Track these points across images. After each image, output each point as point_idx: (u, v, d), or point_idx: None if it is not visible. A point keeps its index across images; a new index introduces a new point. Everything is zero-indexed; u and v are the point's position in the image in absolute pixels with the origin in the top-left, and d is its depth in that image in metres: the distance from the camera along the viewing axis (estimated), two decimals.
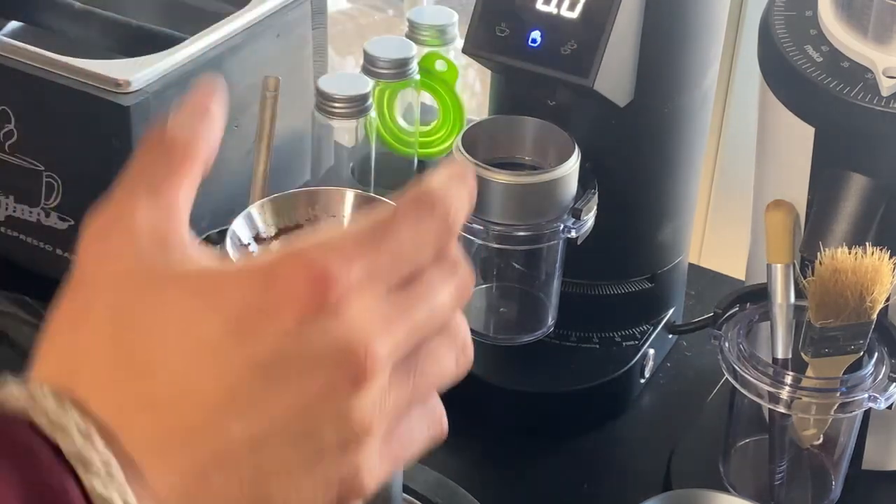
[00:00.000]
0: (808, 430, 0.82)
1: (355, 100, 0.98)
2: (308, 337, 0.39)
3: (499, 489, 0.90)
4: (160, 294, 0.40)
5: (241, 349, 0.39)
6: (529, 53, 0.84)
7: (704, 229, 1.36)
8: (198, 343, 0.39)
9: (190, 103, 0.45)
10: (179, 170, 0.44)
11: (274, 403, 0.39)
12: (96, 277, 0.41)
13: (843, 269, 0.74)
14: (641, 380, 0.98)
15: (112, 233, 0.42)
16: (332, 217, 0.57)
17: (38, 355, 0.41)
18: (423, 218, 0.41)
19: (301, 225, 0.57)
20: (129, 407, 0.39)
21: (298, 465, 0.40)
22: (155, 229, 0.42)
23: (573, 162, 0.84)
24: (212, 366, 0.39)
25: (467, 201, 0.43)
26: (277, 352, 0.39)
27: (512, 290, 0.93)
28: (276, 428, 0.39)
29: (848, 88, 0.76)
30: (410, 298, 0.41)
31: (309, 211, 0.57)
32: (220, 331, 0.39)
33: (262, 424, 0.39)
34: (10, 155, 0.99)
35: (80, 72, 0.95)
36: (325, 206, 0.57)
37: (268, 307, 0.39)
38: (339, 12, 2.03)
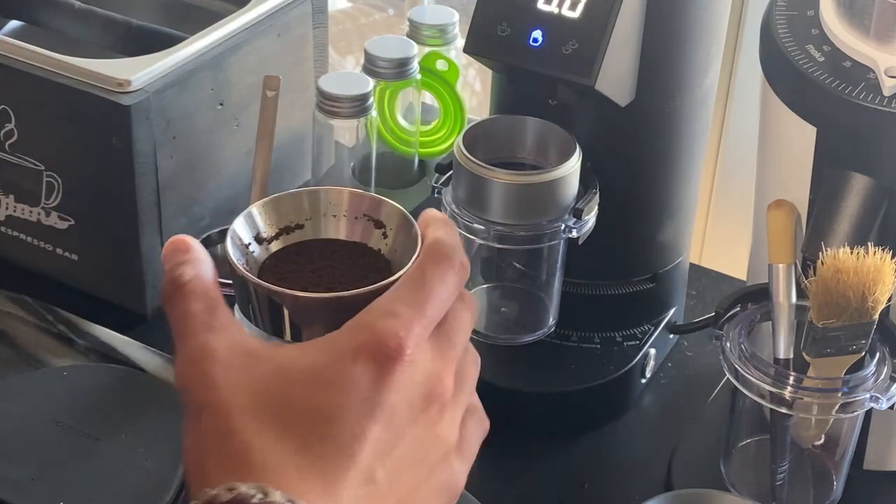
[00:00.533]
0: (809, 430, 0.82)
1: (356, 99, 0.98)
2: (405, 390, 0.51)
3: (499, 489, 0.90)
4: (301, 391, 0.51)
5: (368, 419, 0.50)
6: (530, 53, 0.84)
7: (705, 229, 1.36)
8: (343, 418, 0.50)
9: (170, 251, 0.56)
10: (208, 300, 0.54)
11: (398, 446, 0.51)
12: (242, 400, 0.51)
13: (844, 269, 0.74)
14: (642, 380, 0.98)
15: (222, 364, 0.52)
16: (333, 217, 0.58)
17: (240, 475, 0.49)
18: (447, 273, 0.53)
19: (302, 225, 0.58)
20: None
21: (421, 483, 0.53)
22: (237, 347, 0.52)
23: (574, 162, 0.84)
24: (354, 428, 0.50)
25: (460, 241, 0.56)
26: (390, 409, 0.51)
27: (513, 290, 0.93)
28: (403, 463, 0.51)
29: (850, 88, 0.76)
30: (449, 333, 0.54)
31: (310, 210, 0.58)
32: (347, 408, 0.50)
33: (393, 465, 0.51)
34: (10, 155, 0.99)
35: (80, 71, 0.94)
36: (325, 206, 0.58)
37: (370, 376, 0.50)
38: (340, 12, 2.03)
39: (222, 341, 0.52)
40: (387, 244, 0.58)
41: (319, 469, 0.49)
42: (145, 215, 0.97)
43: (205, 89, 0.99)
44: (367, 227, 0.58)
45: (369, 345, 0.51)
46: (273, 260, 0.57)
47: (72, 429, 0.87)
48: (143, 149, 0.94)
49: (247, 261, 0.56)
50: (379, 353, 0.50)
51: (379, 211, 0.58)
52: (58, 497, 0.82)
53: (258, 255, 0.57)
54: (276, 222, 0.58)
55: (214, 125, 1.01)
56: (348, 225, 0.58)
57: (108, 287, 1.02)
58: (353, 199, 0.58)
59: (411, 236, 0.56)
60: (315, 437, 0.50)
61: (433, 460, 0.53)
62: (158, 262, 0.99)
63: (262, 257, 0.57)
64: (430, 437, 0.53)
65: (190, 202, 1.01)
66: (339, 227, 0.58)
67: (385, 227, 0.58)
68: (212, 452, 0.50)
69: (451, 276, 0.53)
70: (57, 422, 0.87)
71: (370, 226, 0.58)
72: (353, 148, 1.02)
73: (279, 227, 0.58)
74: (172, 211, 0.99)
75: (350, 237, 0.58)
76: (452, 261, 0.54)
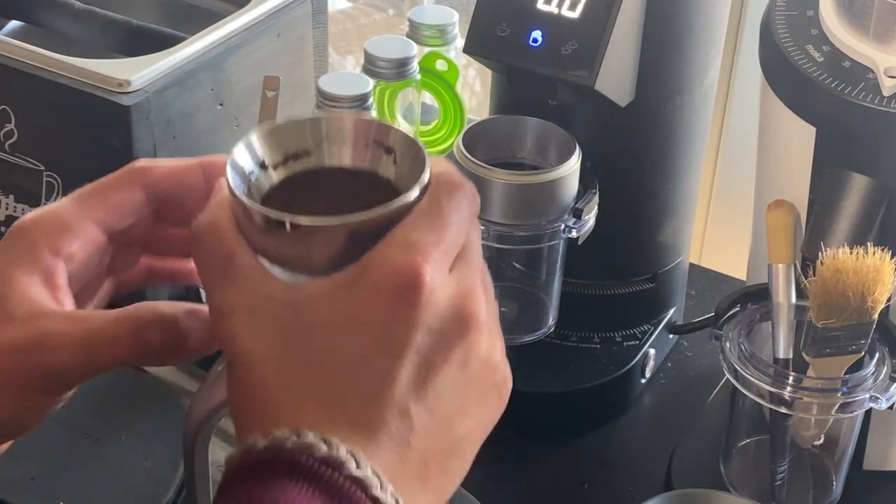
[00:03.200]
0: (809, 430, 0.82)
1: (356, 99, 0.98)
2: (431, 321, 0.49)
3: (499, 489, 0.90)
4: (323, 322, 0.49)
5: (396, 357, 0.49)
6: (530, 53, 0.84)
7: (705, 229, 1.36)
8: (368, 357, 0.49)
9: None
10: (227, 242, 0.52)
11: (433, 378, 0.49)
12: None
13: (844, 269, 0.74)
14: (642, 380, 0.98)
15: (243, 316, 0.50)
16: (341, 145, 0.55)
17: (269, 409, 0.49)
18: (461, 201, 0.52)
19: (310, 152, 0.55)
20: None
21: (468, 404, 0.52)
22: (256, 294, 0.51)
23: (574, 162, 0.84)
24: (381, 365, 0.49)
25: None
26: (418, 344, 0.49)
27: (513, 290, 0.93)
28: (444, 392, 0.50)
29: (849, 88, 0.76)
30: (469, 258, 0.52)
31: (315, 138, 0.55)
32: (372, 350, 0.49)
33: (433, 396, 0.50)
34: (10, 155, 0.99)
35: (80, 71, 0.94)
36: (332, 133, 0.55)
37: (393, 311, 0.49)
38: (340, 12, 2.03)
39: (240, 291, 0.50)
40: (396, 172, 0.54)
41: (349, 413, 0.48)
42: None
43: (205, 89, 0.99)
44: (375, 154, 0.55)
45: (389, 280, 0.49)
46: (278, 189, 0.54)
47: (72, 429, 0.87)
48: (143, 149, 0.94)
49: (249, 189, 0.53)
50: (400, 287, 0.49)
51: (387, 136, 0.55)
52: (58, 497, 0.82)
53: (261, 183, 0.54)
54: (281, 150, 0.54)
55: (214, 125, 1.01)
56: (356, 152, 0.55)
57: None
58: (359, 125, 0.55)
59: (419, 161, 0.53)
60: (342, 382, 0.49)
61: (477, 381, 0.52)
62: None
63: (266, 186, 0.54)
64: (472, 360, 0.51)
65: None
66: (347, 155, 0.55)
67: (395, 154, 0.55)
68: (244, 406, 0.50)
69: (466, 203, 0.52)
70: (57, 422, 0.87)
71: (379, 153, 0.55)
72: None
73: (285, 155, 0.54)
74: None
75: (359, 165, 0.55)
76: (465, 188, 0.52)
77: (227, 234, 0.51)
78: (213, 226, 0.52)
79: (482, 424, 0.54)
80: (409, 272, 0.49)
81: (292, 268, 0.51)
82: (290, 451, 0.47)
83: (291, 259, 0.51)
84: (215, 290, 0.51)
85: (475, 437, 0.54)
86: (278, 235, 0.51)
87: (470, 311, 0.51)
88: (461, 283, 0.51)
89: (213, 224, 0.52)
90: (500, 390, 0.54)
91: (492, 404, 0.54)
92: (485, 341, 0.52)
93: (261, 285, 0.50)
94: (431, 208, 0.51)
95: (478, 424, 0.53)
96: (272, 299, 0.50)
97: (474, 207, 0.53)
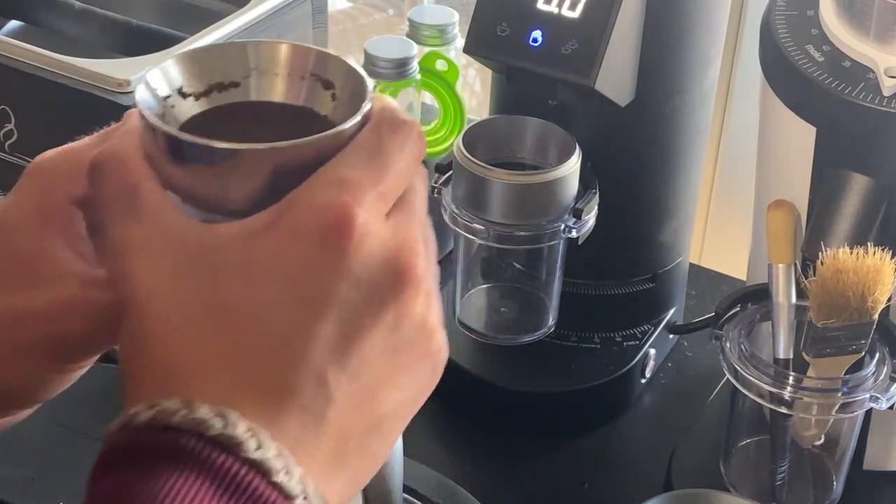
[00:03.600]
0: (809, 430, 0.82)
1: None
2: (360, 271, 0.43)
3: (499, 489, 0.90)
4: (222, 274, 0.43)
5: (316, 310, 0.42)
6: (530, 53, 0.84)
7: (705, 229, 1.36)
8: (283, 311, 0.42)
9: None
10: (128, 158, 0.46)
11: (359, 339, 0.43)
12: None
13: (844, 269, 0.74)
14: (642, 380, 0.98)
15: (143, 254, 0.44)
16: (275, 76, 0.49)
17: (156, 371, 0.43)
18: (406, 142, 0.46)
19: (237, 83, 0.49)
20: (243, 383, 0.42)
21: (396, 374, 0.45)
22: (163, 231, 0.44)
23: (574, 162, 0.84)
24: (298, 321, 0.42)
25: None
26: (343, 297, 0.42)
27: (512, 290, 0.93)
28: (369, 357, 0.43)
29: (849, 88, 0.76)
30: (410, 204, 0.46)
31: (245, 67, 0.49)
32: (289, 299, 0.42)
33: (356, 362, 0.43)
34: (10, 154, 0.99)
35: (80, 71, 0.94)
36: (264, 62, 0.49)
37: (315, 258, 0.42)
38: (340, 12, 2.03)
39: (143, 228, 0.44)
40: (335, 108, 0.48)
41: (256, 374, 0.42)
42: None
43: None
44: (313, 87, 0.49)
45: (313, 221, 0.42)
46: (197, 121, 0.48)
47: (72, 429, 0.87)
48: None
49: (163, 117, 0.47)
50: (325, 230, 0.42)
51: (326, 68, 0.49)
52: (58, 497, 0.82)
53: (180, 111, 0.48)
54: (203, 77, 0.48)
55: None
56: (292, 85, 0.49)
57: None
58: (296, 54, 0.49)
59: (361, 94, 0.47)
60: (250, 335, 0.42)
61: (410, 347, 0.45)
62: None
63: (183, 116, 0.48)
64: (405, 321, 0.44)
65: None
66: (282, 88, 0.49)
67: (334, 88, 0.49)
68: (134, 366, 0.43)
69: (410, 145, 0.46)
70: (57, 422, 0.87)
71: (317, 86, 0.49)
72: None
73: (209, 84, 0.48)
74: None
75: (293, 100, 0.49)
76: (412, 127, 0.46)
77: (132, 163, 0.45)
78: (118, 154, 0.45)
79: (411, 399, 0.46)
80: (338, 213, 0.42)
81: (207, 206, 0.45)
82: (176, 427, 0.40)
83: (206, 195, 0.45)
84: (115, 226, 0.44)
85: (402, 414, 0.46)
86: (190, 167, 0.45)
87: (406, 265, 0.44)
88: (399, 232, 0.44)
89: (118, 152, 0.45)
90: (434, 359, 0.47)
91: (424, 376, 0.46)
92: (421, 302, 0.45)
93: (167, 222, 0.44)
94: (370, 143, 0.45)
95: (406, 399, 0.46)
96: (179, 239, 0.43)
97: (419, 149, 0.47)
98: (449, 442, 0.96)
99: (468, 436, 0.95)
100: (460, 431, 0.96)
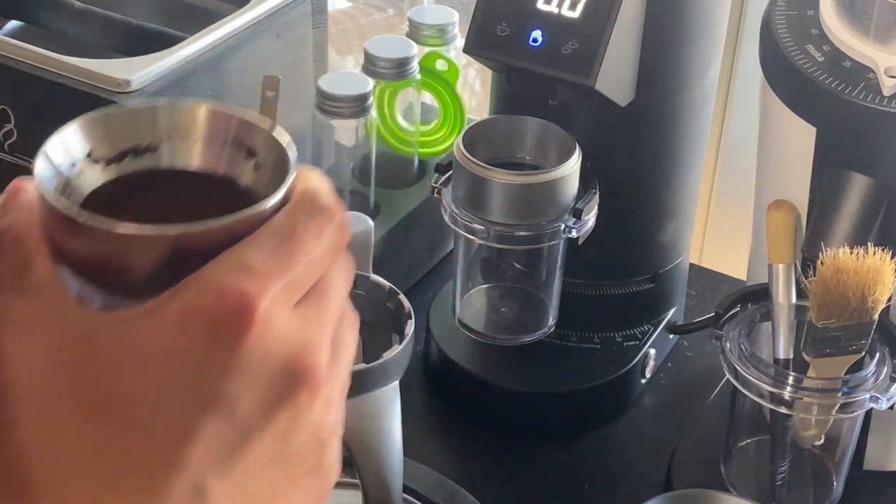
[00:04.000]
0: (809, 430, 0.82)
1: (356, 99, 0.98)
2: (256, 367, 0.39)
3: (499, 489, 0.90)
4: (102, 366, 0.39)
5: (200, 408, 0.38)
6: (530, 53, 0.84)
7: (705, 229, 1.36)
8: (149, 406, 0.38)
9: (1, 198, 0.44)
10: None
11: (245, 444, 0.39)
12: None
13: (844, 269, 0.74)
14: (642, 380, 0.98)
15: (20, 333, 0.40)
16: (194, 141, 0.45)
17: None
18: (324, 227, 0.41)
19: (154, 147, 0.45)
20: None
21: (281, 490, 0.41)
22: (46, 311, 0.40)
23: (574, 161, 0.84)
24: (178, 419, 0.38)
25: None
26: (233, 395, 0.38)
27: (513, 290, 0.93)
28: (253, 466, 0.39)
29: (849, 88, 0.76)
30: (323, 296, 0.42)
31: (160, 131, 0.45)
32: (171, 394, 0.38)
33: (238, 471, 0.39)
34: (10, 155, 0.99)
35: (80, 72, 0.94)
36: (178, 125, 0.45)
37: (205, 349, 0.38)
38: (340, 11, 2.03)
39: (27, 304, 0.40)
40: (257, 179, 0.44)
41: (128, 479, 0.37)
42: None
43: (205, 89, 0.98)
44: (234, 155, 0.45)
45: (208, 307, 0.38)
46: (107, 189, 0.43)
47: None
48: None
49: (66, 186, 0.42)
50: (220, 318, 0.38)
51: (249, 135, 0.45)
52: None
53: (88, 179, 0.43)
54: (116, 141, 0.44)
55: None
56: (212, 152, 0.45)
57: None
58: (217, 118, 0.45)
59: (284, 168, 0.43)
60: (125, 433, 0.38)
61: (301, 459, 0.41)
62: None
63: (90, 185, 0.43)
64: (298, 429, 0.40)
65: None
66: (200, 155, 0.45)
67: (257, 157, 0.45)
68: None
69: (330, 231, 0.41)
70: None
71: (239, 155, 0.45)
72: (352, 148, 1.02)
73: (122, 148, 0.44)
74: None
75: (213, 168, 0.45)
76: (333, 213, 0.42)
77: (26, 238, 0.41)
78: (12, 228, 0.41)
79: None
80: (236, 301, 0.38)
81: (107, 287, 0.41)
82: None
83: (105, 276, 0.41)
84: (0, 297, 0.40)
85: None
86: (89, 245, 0.40)
87: (306, 366, 0.39)
88: (304, 328, 0.40)
89: (14, 224, 0.41)
90: (322, 477, 0.42)
91: (310, 493, 0.42)
92: (318, 409, 0.40)
93: (52, 301, 0.40)
94: (283, 227, 0.41)
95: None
96: (59, 321, 0.39)
97: (340, 237, 0.42)
98: (449, 442, 0.96)
99: (468, 436, 0.95)
100: (460, 431, 0.96)
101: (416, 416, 0.94)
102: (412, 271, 1.07)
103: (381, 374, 0.67)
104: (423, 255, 1.08)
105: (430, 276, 1.08)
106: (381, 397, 0.68)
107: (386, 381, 0.68)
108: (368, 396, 0.67)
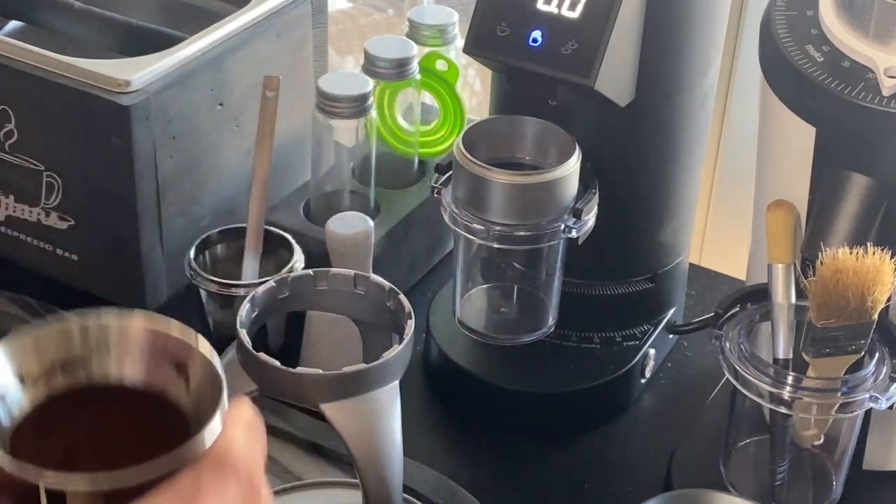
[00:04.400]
0: (808, 430, 0.82)
1: (356, 99, 0.98)
2: None
3: (499, 489, 0.90)
4: None
5: None
6: (530, 53, 0.84)
7: (705, 229, 1.36)
8: None
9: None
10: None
11: None
12: None
13: (844, 268, 0.74)
14: (642, 380, 0.98)
15: None
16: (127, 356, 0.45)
17: None
18: (228, 486, 0.40)
19: (87, 357, 0.44)
20: None
21: None
22: None
23: (574, 162, 0.84)
24: None
25: (264, 454, 0.43)
26: None
27: (512, 290, 0.93)
28: None
29: (849, 88, 0.76)
30: None
31: (88, 344, 0.45)
32: None
33: None
34: (10, 155, 0.99)
35: (80, 72, 0.94)
36: (104, 340, 0.45)
37: None
38: (340, 12, 2.03)
39: None
40: (189, 395, 0.44)
41: None
42: (145, 215, 0.97)
43: (204, 89, 0.99)
44: (168, 373, 0.44)
45: None
46: (37, 415, 0.43)
47: None
48: (142, 149, 0.94)
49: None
50: None
51: (184, 354, 0.44)
52: None
53: (17, 401, 0.43)
54: (45, 357, 0.43)
55: (214, 125, 1.01)
56: (145, 368, 0.45)
57: (108, 287, 1.02)
58: (151, 334, 0.44)
59: (217, 393, 0.43)
60: None
61: None
62: (158, 262, 1.00)
63: (23, 407, 0.43)
64: None
65: (190, 202, 1.01)
66: (133, 370, 0.45)
67: (188, 377, 0.44)
68: None
69: (234, 488, 0.40)
70: None
71: (172, 372, 0.44)
72: (352, 148, 1.02)
73: (50, 363, 0.44)
74: (172, 211, 0.99)
75: (147, 384, 0.44)
76: (239, 472, 0.41)
77: None
78: None
79: None
80: None
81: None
82: None
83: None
84: None
85: None
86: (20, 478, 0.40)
87: None
88: None
89: None
90: None
91: None
92: None
93: None
94: (184, 486, 0.39)
95: None
96: None
97: (246, 497, 0.41)
98: (449, 442, 0.96)
99: (468, 436, 0.95)
100: (460, 431, 0.96)
101: (416, 416, 0.94)
102: (412, 271, 1.07)
103: (381, 374, 0.67)
104: (423, 255, 1.08)
105: (430, 276, 1.09)
106: (381, 397, 0.68)
107: (386, 381, 0.68)
108: (368, 396, 0.67)
